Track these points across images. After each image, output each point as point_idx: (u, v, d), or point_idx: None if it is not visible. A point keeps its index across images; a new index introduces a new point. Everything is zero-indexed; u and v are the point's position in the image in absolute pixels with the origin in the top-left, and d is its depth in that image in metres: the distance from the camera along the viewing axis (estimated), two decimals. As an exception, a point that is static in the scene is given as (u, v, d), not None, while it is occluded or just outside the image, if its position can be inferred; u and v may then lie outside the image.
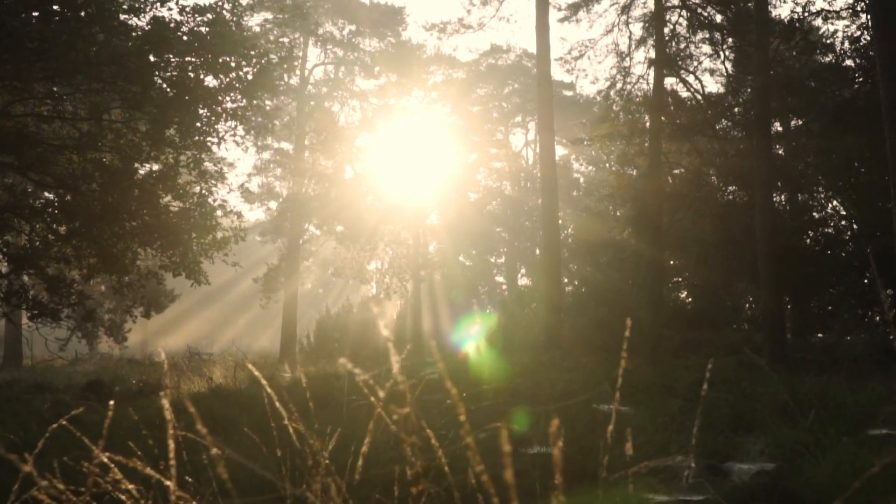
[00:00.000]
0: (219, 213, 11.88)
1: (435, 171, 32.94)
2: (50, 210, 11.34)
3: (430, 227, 34.27)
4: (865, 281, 20.07)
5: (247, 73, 10.71)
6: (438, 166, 33.20)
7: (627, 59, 21.09)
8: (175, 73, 10.30)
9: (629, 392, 7.15)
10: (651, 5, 19.99)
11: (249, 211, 72.22)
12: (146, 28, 10.04)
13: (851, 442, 3.90)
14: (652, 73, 19.35)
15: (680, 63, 20.41)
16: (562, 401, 6.34)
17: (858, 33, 18.42)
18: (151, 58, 9.72)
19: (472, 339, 21.07)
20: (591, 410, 5.47)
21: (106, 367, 22.71)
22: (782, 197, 22.78)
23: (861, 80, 18.97)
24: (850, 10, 18.45)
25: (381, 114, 31.00)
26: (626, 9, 21.03)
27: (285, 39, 18.98)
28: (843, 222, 21.80)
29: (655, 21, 19.36)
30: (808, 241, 21.11)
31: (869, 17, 15.80)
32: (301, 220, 30.96)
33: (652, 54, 19.60)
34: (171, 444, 1.54)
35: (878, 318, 20.09)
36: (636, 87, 20.87)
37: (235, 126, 11.17)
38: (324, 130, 29.63)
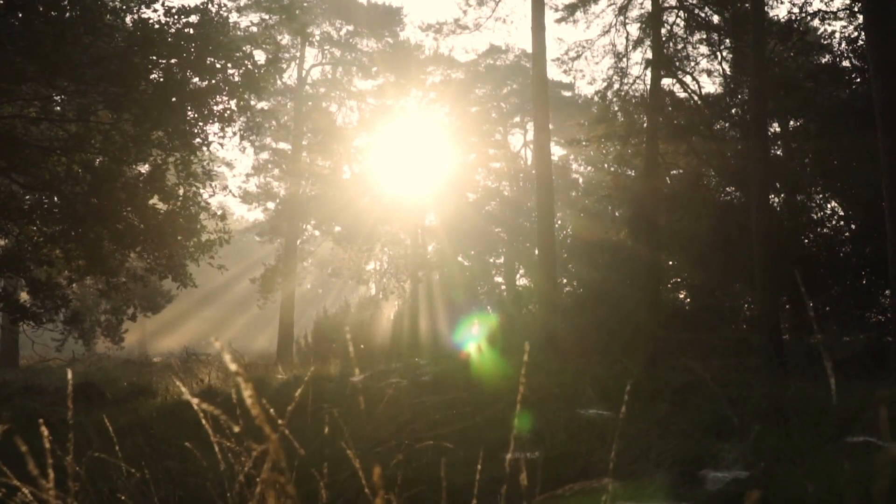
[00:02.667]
0: (203, 215, 11.81)
1: (433, 172, 32.92)
2: (38, 212, 11.30)
3: (428, 228, 34.23)
4: (864, 280, 20.02)
5: (232, 74, 10.69)
6: (437, 167, 33.17)
7: (624, 59, 21.03)
8: (160, 75, 10.25)
9: (616, 395, 7.11)
10: (648, 6, 19.96)
11: (248, 211, 72.36)
12: (131, 29, 10.00)
13: (830, 449, 3.86)
14: (649, 73, 19.33)
15: (677, 64, 20.36)
16: (547, 405, 6.31)
17: (856, 34, 18.36)
18: (135, 59, 9.68)
19: (474, 340, 21.04)
20: (574, 415, 5.43)
21: (102, 367, 22.69)
22: (780, 197, 22.72)
23: (858, 80, 18.90)
24: (848, 11, 18.40)
25: (378, 114, 30.98)
26: (623, 9, 20.97)
27: (279, 40, 18.99)
28: (842, 223, 21.74)
29: (653, 22, 19.31)
30: (806, 242, 21.05)
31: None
32: (298, 221, 30.93)
33: (649, 55, 19.57)
34: (51, 474, 1.49)
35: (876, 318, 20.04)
36: (633, 87, 20.83)
37: (223, 128, 11.14)
38: (321, 131, 29.60)
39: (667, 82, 20.00)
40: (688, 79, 20.09)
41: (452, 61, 34.32)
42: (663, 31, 19.46)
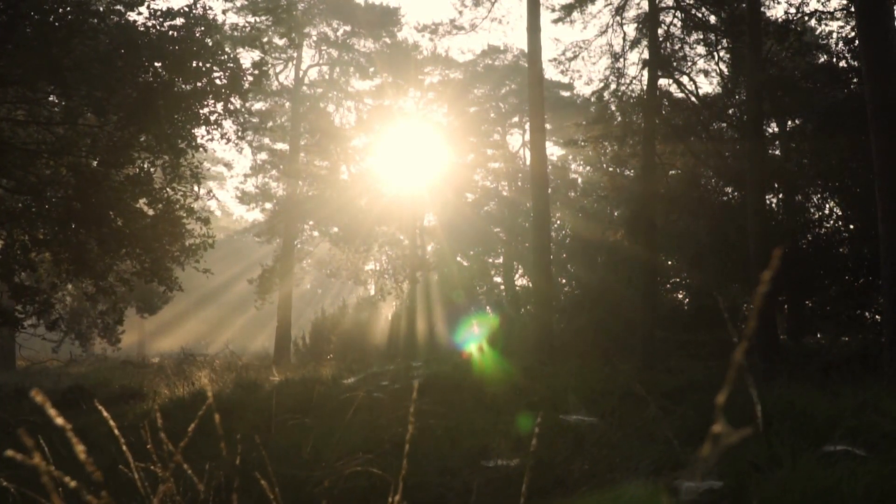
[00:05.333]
0: (186, 220, 11.73)
1: (431, 172, 32.89)
2: (26, 216, 11.23)
3: (426, 228, 34.21)
4: (861, 280, 19.96)
5: (218, 77, 10.63)
6: (435, 167, 33.15)
7: (621, 60, 20.97)
8: (146, 78, 10.19)
9: (604, 399, 7.07)
10: (645, 6, 19.90)
11: (247, 212, 72.48)
12: (115, 32, 9.93)
13: (808, 458, 3.83)
14: (646, 74, 19.26)
15: (674, 64, 20.31)
16: (534, 409, 6.28)
17: (852, 34, 18.29)
18: (119, 63, 9.64)
19: (474, 340, 21.04)
20: (557, 421, 5.39)
21: (99, 368, 22.69)
22: (778, 198, 22.67)
23: (855, 80, 18.84)
24: (844, 11, 18.33)
25: (376, 114, 30.94)
26: (620, 10, 20.92)
27: (276, 41, 18.93)
28: (839, 223, 21.68)
29: (649, 22, 19.27)
30: (804, 242, 21.00)
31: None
32: (296, 221, 30.90)
33: (646, 55, 19.51)
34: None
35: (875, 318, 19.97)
36: (630, 88, 20.75)
37: (209, 131, 11.10)
38: (319, 131, 29.58)
39: (664, 82, 19.96)
40: (685, 79, 20.05)
41: (450, 61, 34.29)
42: (660, 31, 19.42)
